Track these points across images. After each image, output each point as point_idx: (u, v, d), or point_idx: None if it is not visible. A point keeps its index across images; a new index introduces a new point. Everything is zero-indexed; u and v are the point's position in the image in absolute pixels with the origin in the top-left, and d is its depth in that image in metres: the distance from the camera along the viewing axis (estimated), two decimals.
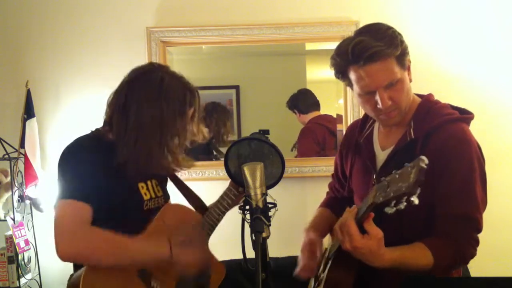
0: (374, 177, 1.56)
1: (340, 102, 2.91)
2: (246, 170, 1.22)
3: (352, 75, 1.45)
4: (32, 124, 2.70)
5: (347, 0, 2.83)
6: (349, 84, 1.52)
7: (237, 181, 1.33)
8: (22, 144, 2.67)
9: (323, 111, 2.97)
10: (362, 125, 1.70)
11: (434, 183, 1.38)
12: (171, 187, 1.86)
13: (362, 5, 2.83)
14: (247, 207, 1.20)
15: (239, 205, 1.22)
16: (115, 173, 1.54)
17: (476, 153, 1.45)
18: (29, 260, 2.76)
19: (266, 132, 1.48)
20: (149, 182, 1.68)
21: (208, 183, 2.72)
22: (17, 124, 2.71)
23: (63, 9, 2.87)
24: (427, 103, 1.55)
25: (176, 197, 1.86)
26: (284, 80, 2.96)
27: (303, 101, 2.95)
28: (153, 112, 1.55)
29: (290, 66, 3.05)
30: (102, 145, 1.58)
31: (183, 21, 2.84)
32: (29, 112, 2.69)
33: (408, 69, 1.48)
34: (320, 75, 3.05)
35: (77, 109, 2.86)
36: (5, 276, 2.65)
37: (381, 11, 2.86)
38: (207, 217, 1.74)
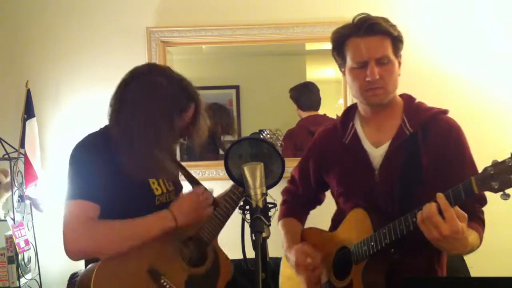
0: (376, 174, 1.57)
1: (340, 102, 2.91)
2: (246, 170, 1.21)
3: (349, 47, 1.56)
4: (32, 124, 2.70)
5: (347, 0, 2.83)
6: (343, 61, 1.60)
7: (237, 181, 1.33)
8: (22, 144, 2.68)
9: (323, 111, 2.97)
10: (342, 127, 1.70)
11: (446, 168, 1.52)
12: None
13: (362, 5, 2.82)
14: (247, 207, 1.20)
15: (239, 205, 1.22)
16: (125, 170, 1.55)
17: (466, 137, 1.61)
18: (29, 260, 2.76)
19: None
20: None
21: (208, 183, 2.70)
22: (17, 124, 2.71)
23: (63, 9, 2.87)
24: (411, 99, 1.66)
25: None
26: (284, 80, 2.96)
27: (306, 98, 2.93)
28: (146, 115, 1.57)
29: (290, 66, 3.05)
30: (111, 142, 1.59)
31: (183, 21, 2.84)
32: (29, 112, 2.70)
33: (399, 63, 1.59)
34: (320, 75, 3.05)
35: (77, 109, 2.86)
36: (5, 276, 2.65)
37: (381, 11, 2.85)
38: (217, 211, 1.73)
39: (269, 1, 2.88)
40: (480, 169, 1.30)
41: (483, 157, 1.45)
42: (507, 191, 1.20)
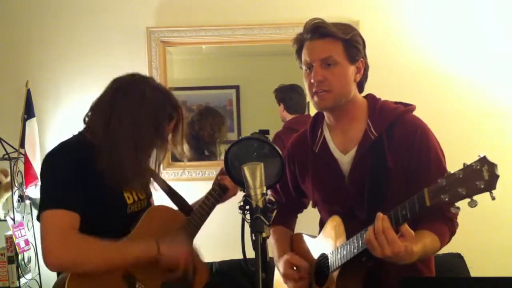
0: (346, 181, 1.57)
1: None
2: (246, 170, 1.21)
3: (303, 52, 1.56)
4: (32, 124, 2.71)
5: (347, 0, 2.83)
6: (301, 65, 1.60)
7: (237, 181, 1.33)
8: (22, 144, 2.68)
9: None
10: (312, 135, 1.69)
11: (412, 169, 1.49)
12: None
13: (362, 5, 2.83)
14: (247, 207, 1.20)
15: (238, 205, 1.22)
16: (98, 178, 1.53)
17: (433, 135, 1.55)
18: (29, 260, 2.76)
19: (266, 132, 1.48)
20: None
21: (208, 183, 2.69)
22: (17, 124, 2.71)
23: (63, 9, 2.87)
24: (374, 101, 1.61)
25: (160, 197, 1.85)
26: (284, 80, 2.96)
27: (295, 101, 2.86)
28: (132, 126, 1.56)
29: (290, 66, 3.03)
30: (86, 149, 1.56)
31: (183, 21, 2.85)
32: (29, 112, 2.70)
33: (358, 69, 1.54)
34: None
35: (77, 109, 2.84)
36: (5, 276, 2.65)
37: (382, 10, 2.86)
38: (191, 218, 1.74)
39: (269, 1, 2.88)
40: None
41: None
42: (458, 203, 1.16)
